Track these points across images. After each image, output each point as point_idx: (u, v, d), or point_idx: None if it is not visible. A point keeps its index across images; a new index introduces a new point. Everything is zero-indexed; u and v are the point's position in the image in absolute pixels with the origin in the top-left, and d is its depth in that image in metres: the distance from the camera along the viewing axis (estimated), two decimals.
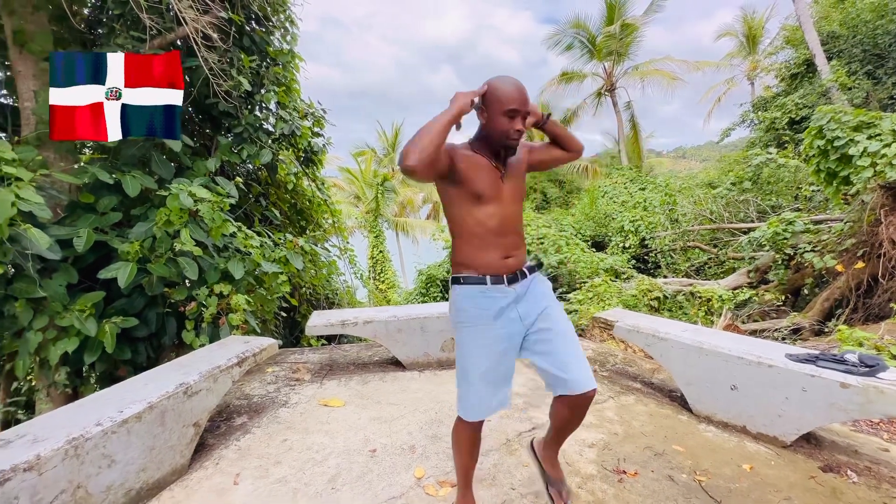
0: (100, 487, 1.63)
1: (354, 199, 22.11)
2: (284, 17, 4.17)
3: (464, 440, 1.57)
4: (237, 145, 3.96)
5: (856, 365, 1.99)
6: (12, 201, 2.21)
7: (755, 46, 21.03)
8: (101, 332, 2.78)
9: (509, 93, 1.38)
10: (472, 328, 1.48)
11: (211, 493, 1.87)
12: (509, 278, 1.48)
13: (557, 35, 16.28)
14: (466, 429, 1.54)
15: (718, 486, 1.90)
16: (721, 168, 10.50)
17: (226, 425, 2.48)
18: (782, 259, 6.63)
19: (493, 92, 1.40)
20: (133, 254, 2.84)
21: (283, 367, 3.38)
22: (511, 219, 1.50)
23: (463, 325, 1.49)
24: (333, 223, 6.10)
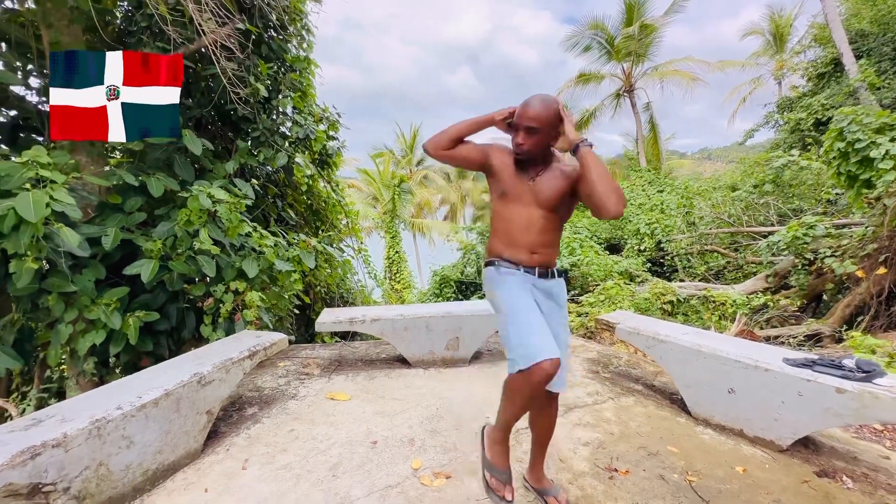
0: (119, 466, 1.78)
1: (372, 200, 22.40)
2: (301, 26, 4.33)
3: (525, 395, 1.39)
4: (255, 148, 4.13)
5: (852, 370, 1.99)
6: (47, 202, 2.40)
7: (783, 45, 20.43)
8: (126, 325, 2.96)
9: (519, 108, 1.55)
10: (511, 283, 1.55)
11: (221, 476, 2.00)
12: (540, 272, 1.60)
13: (575, 37, 16.19)
14: (532, 381, 1.32)
15: (709, 486, 1.92)
16: (743, 170, 10.25)
17: (237, 415, 2.62)
18: (802, 264, 6.48)
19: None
20: (156, 251, 3.01)
21: (294, 361, 3.52)
22: (538, 221, 1.59)
23: (504, 281, 1.57)
24: (348, 224, 6.25)
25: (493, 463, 1.58)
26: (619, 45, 15.43)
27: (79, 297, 2.85)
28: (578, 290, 7.69)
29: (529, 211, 1.59)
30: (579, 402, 2.73)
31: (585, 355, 3.59)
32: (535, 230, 1.59)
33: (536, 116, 1.51)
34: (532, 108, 1.51)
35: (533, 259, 1.60)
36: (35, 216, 2.30)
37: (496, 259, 1.64)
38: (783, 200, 8.10)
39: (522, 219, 1.59)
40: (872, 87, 9.05)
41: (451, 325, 3.30)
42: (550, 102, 1.53)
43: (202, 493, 1.89)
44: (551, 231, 1.63)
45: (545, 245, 1.61)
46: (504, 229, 1.63)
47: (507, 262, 1.61)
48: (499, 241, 1.64)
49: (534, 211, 1.59)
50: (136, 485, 1.85)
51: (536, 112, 1.51)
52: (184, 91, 4.12)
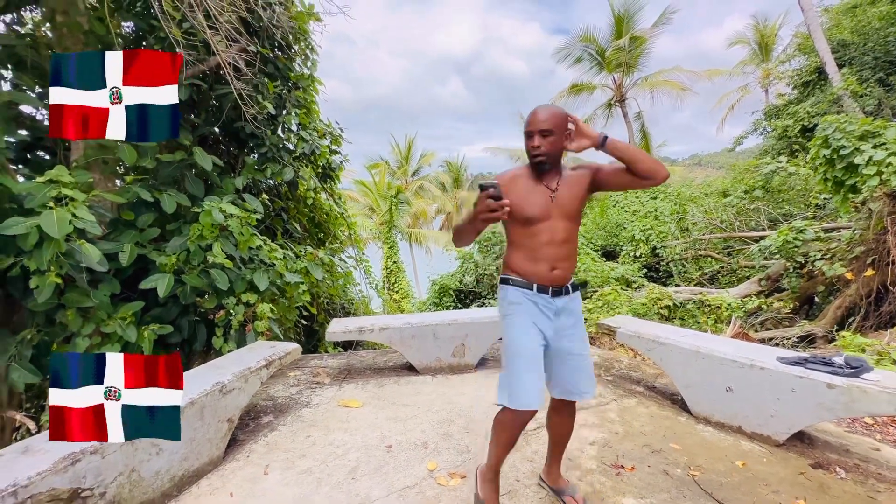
0: (150, 472, 1.85)
1: (369, 211, 22.52)
2: (305, 45, 4.48)
3: (508, 431, 1.61)
4: (262, 164, 4.24)
5: (842, 367, 2.11)
6: (69, 219, 2.49)
7: (768, 54, 20.99)
8: (141, 338, 3.03)
9: (528, 116, 1.61)
10: (521, 318, 1.63)
11: (244, 482, 2.08)
12: (554, 290, 1.63)
13: (567, 49, 16.55)
14: (513, 423, 1.58)
15: (711, 479, 2.03)
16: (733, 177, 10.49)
17: (254, 423, 2.69)
18: (794, 267, 6.65)
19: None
20: (170, 266, 3.10)
21: (304, 371, 3.60)
22: (560, 233, 1.62)
23: (513, 315, 1.65)
24: (349, 235, 6.35)
25: (483, 499, 1.73)
26: (610, 57, 15.80)
27: (95, 311, 2.92)
28: None
29: (552, 225, 1.61)
30: (583, 404, 2.82)
31: None
32: (557, 243, 1.62)
33: (548, 119, 1.56)
34: (541, 112, 1.58)
35: (552, 275, 1.62)
36: (59, 233, 2.39)
37: (511, 276, 1.68)
38: (773, 206, 8.31)
39: (546, 234, 1.61)
40: (855, 94, 9.35)
41: (457, 333, 3.40)
42: (556, 108, 1.61)
43: (227, 497, 1.96)
44: (572, 242, 1.67)
45: (566, 258, 1.65)
46: (527, 245, 1.64)
47: (522, 281, 1.64)
48: (519, 255, 1.66)
49: (557, 224, 1.61)
50: (164, 490, 1.92)
51: (547, 115, 1.57)
52: (193, 109, 4.25)
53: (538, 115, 1.59)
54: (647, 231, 9.52)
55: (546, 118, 1.57)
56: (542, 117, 1.58)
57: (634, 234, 9.56)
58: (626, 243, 9.93)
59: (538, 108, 1.61)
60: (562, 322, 1.66)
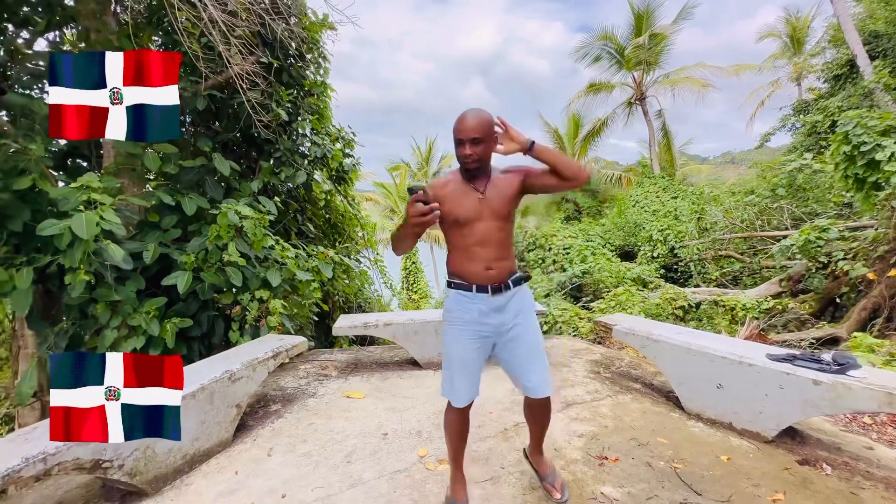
0: (164, 449, 2.04)
1: (389, 213, 22.85)
2: (318, 54, 4.69)
3: (450, 423, 1.80)
4: (277, 168, 4.47)
5: (829, 364, 2.12)
6: (97, 222, 2.74)
7: (800, 47, 20.18)
8: (163, 331, 3.27)
9: (456, 124, 1.62)
10: (455, 327, 1.74)
11: (249, 462, 2.25)
12: (493, 288, 1.70)
13: (585, 47, 16.39)
14: (452, 413, 1.79)
15: (692, 472, 2.07)
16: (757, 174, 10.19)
17: (263, 411, 2.88)
18: (816, 268, 6.45)
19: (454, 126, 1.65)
20: (190, 264, 3.33)
21: (313, 364, 3.78)
22: (492, 234, 1.66)
23: (449, 323, 1.77)
24: (363, 236, 6.55)
25: (451, 497, 1.85)
26: (630, 55, 15.56)
27: (122, 306, 3.18)
28: (591, 296, 7.79)
29: (484, 226, 1.65)
30: (578, 399, 2.89)
31: (589, 357, 3.74)
32: (491, 243, 1.66)
33: (477, 126, 1.58)
34: (470, 120, 1.58)
35: (488, 275, 1.67)
36: (88, 234, 2.63)
37: (453, 279, 1.75)
38: (797, 204, 8.05)
39: (478, 235, 1.66)
40: (888, 87, 8.95)
41: None
42: (482, 113, 1.62)
43: (233, 475, 2.14)
44: (506, 241, 1.71)
45: (501, 258, 1.69)
46: (461, 247, 1.70)
47: (462, 283, 1.71)
48: (456, 257, 1.73)
49: (489, 224, 1.66)
50: (177, 467, 2.11)
51: (475, 123, 1.58)
52: (212, 117, 4.52)
53: (467, 122, 1.58)
54: (665, 231, 9.37)
55: (475, 126, 1.59)
56: (471, 125, 1.59)
57: (652, 235, 9.43)
58: (644, 243, 9.80)
59: (467, 115, 1.60)
60: (505, 318, 1.71)
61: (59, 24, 4.06)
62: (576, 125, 19.22)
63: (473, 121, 1.59)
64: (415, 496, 1.93)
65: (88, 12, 3.64)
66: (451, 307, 1.77)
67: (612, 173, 19.53)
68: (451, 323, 1.76)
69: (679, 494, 1.91)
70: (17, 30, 3.81)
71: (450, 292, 1.78)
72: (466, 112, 1.62)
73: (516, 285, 1.74)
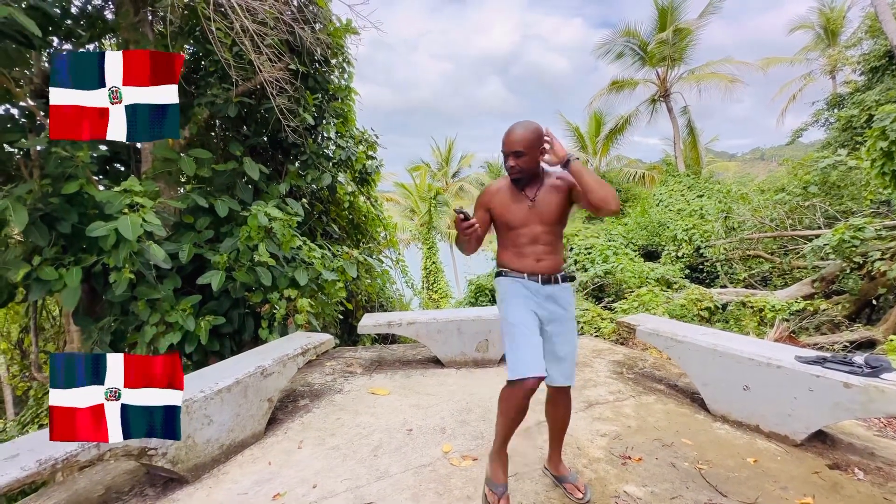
0: (202, 439, 2.16)
1: (410, 213, 23.03)
2: (342, 59, 4.80)
3: (512, 404, 1.70)
4: (303, 171, 4.61)
5: (861, 366, 2.08)
6: (140, 223, 2.90)
7: (835, 39, 19.38)
8: (198, 328, 3.42)
9: (503, 138, 1.75)
10: (513, 300, 1.78)
11: (281, 453, 2.35)
12: (543, 279, 1.80)
13: (607, 44, 16.16)
14: (516, 394, 1.66)
15: (717, 473, 2.06)
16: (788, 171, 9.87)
17: (292, 405, 2.99)
18: (851, 268, 6.22)
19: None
20: (222, 264, 3.48)
21: (339, 361, 3.89)
22: (540, 237, 1.79)
23: (507, 298, 1.81)
24: (386, 236, 6.66)
25: (491, 478, 1.86)
26: (653, 51, 15.26)
27: (161, 303, 3.34)
28: (613, 297, 7.71)
29: (533, 229, 1.79)
30: (601, 399, 2.89)
31: (612, 357, 3.73)
32: (540, 243, 1.79)
33: (520, 140, 1.70)
34: (513, 133, 1.72)
35: (538, 266, 1.79)
36: (132, 235, 2.78)
37: (504, 269, 1.86)
38: (831, 202, 7.77)
39: (527, 237, 1.79)
40: None
41: (480, 329, 3.55)
42: (530, 125, 1.73)
43: (267, 465, 2.24)
44: (555, 242, 1.83)
45: (549, 254, 1.81)
46: (512, 245, 1.84)
47: (515, 272, 1.82)
48: (508, 254, 1.86)
49: (537, 228, 1.78)
50: (214, 456, 2.23)
51: (519, 136, 1.71)
52: (242, 122, 4.69)
53: (511, 135, 1.72)
54: (691, 230, 9.17)
55: (518, 139, 1.70)
56: (514, 138, 1.71)
57: (676, 234, 9.25)
58: (669, 243, 9.62)
59: (514, 129, 1.73)
60: (551, 309, 1.79)
61: (100, 35, 4.29)
62: (597, 123, 18.98)
63: (517, 134, 1.70)
64: (440, 490, 1.99)
65: (127, 25, 3.83)
66: (505, 285, 1.83)
67: (634, 171, 19.20)
68: (510, 296, 1.80)
69: (704, 495, 1.91)
70: (62, 42, 4.05)
71: (501, 279, 1.86)
72: (515, 125, 1.73)
73: (564, 281, 1.83)
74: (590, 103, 18.20)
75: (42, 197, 3.04)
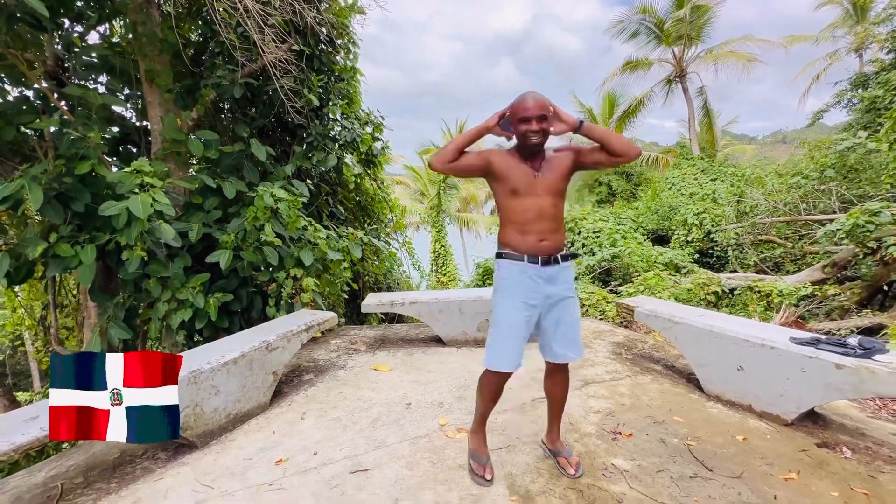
0: (210, 407, 2.27)
1: (419, 196, 23.01)
2: (348, 39, 4.78)
3: (488, 388, 1.86)
4: (309, 152, 4.65)
5: (854, 348, 2.08)
6: (151, 203, 2.99)
7: (864, 14, 18.52)
8: (208, 305, 3.54)
9: (521, 103, 1.74)
10: (506, 295, 1.82)
11: (284, 424, 2.46)
12: (543, 260, 1.80)
13: (622, 23, 15.69)
14: (493, 378, 1.83)
15: (705, 450, 2.11)
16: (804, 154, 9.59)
17: (297, 379, 3.10)
18: (864, 253, 6.10)
19: (512, 107, 1.77)
20: (230, 243, 3.57)
21: (344, 339, 3.99)
22: (545, 209, 1.78)
23: (500, 291, 1.84)
24: (393, 219, 6.71)
25: (474, 450, 1.98)
26: (670, 29, 14.78)
27: (172, 281, 3.46)
28: (620, 280, 7.69)
29: (539, 201, 1.77)
30: (597, 378, 2.95)
31: (611, 339, 3.77)
32: (545, 218, 1.78)
33: (541, 104, 1.71)
34: (533, 99, 1.72)
35: (541, 246, 1.77)
36: (143, 214, 2.88)
37: (505, 250, 1.84)
38: (848, 186, 7.57)
39: (534, 209, 1.77)
40: None
41: (481, 309, 3.61)
42: (539, 94, 1.75)
43: (271, 434, 2.35)
44: (558, 216, 1.82)
45: (553, 231, 1.80)
46: (516, 220, 1.80)
47: (514, 253, 1.80)
48: (510, 230, 1.82)
49: (543, 200, 1.77)
50: (221, 424, 2.35)
51: (538, 102, 1.72)
52: (248, 104, 4.73)
53: (533, 101, 1.72)
54: (702, 215, 9.04)
55: (540, 104, 1.72)
56: (536, 104, 1.71)
57: (687, 218, 9.12)
58: (679, 227, 9.50)
59: (528, 95, 1.74)
60: (553, 290, 1.81)
61: (109, 17, 4.33)
62: (611, 105, 18.58)
63: (537, 100, 1.72)
64: (434, 459, 2.08)
65: (135, 6, 3.86)
66: (502, 275, 1.85)
67: (648, 155, 18.86)
68: (503, 290, 1.83)
69: (689, 469, 1.96)
70: (72, 24, 4.10)
71: (501, 262, 1.87)
72: (527, 93, 1.75)
73: (565, 261, 1.84)
74: (603, 84, 17.81)
75: (56, 177, 3.13)
